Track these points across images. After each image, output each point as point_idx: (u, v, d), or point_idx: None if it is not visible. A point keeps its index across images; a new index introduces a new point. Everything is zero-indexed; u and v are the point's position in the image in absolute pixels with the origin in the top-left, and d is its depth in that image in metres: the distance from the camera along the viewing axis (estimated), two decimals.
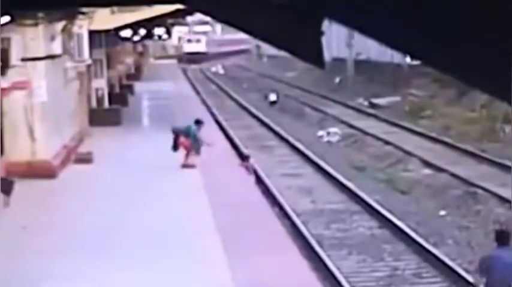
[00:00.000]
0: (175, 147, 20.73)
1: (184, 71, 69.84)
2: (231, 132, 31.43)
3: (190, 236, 14.22)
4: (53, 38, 20.43)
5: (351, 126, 32.92)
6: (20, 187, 17.10)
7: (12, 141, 18.78)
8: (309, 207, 19.77)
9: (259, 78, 62.68)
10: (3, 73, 18.22)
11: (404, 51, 2.03)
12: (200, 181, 19.10)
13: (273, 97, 44.16)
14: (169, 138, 20.81)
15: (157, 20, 34.31)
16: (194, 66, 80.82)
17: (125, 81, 43.76)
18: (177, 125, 21.86)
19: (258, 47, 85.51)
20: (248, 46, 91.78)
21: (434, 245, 15.95)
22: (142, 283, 11.66)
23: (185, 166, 20.53)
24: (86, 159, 21.81)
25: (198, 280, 11.72)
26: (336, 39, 48.30)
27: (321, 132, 31.90)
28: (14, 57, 18.95)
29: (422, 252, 15.43)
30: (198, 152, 20.55)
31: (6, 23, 16.83)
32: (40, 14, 18.69)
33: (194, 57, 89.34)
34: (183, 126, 21.10)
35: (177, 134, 20.76)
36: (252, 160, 22.70)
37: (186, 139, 20.57)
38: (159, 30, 47.78)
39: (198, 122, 21.03)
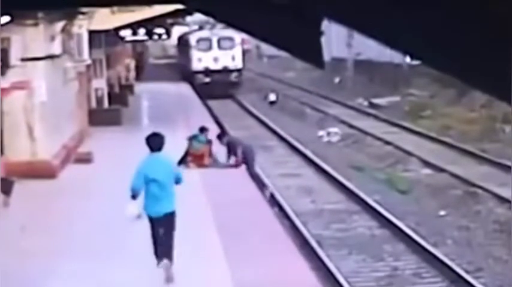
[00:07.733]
0: (181, 161, 20.75)
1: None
2: (231, 133, 31.39)
3: (191, 235, 14.20)
4: (53, 38, 20.43)
5: (351, 126, 32.91)
6: (20, 187, 17.10)
7: (12, 142, 18.77)
8: (309, 207, 19.77)
9: (259, 78, 62.60)
10: (3, 73, 18.21)
11: (405, 51, 2.03)
12: (200, 180, 19.09)
13: (272, 97, 44.11)
14: (169, 139, 20.74)
15: (157, 20, 34.29)
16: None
17: (124, 82, 43.72)
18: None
19: (258, 47, 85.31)
20: (248, 46, 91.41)
21: (434, 245, 15.95)
22: (142, 282, 11.65)
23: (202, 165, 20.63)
24: (85, 159, 21.80)
25: (198, 280, 11.72)
26: (336, 39, 48.24)
27: (320, 132, 31.87)
28: (14, 57, 18.93)
29: (422, 252, 15.42)
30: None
31: (6, 23, 16.83)
32: (40, 14, 18.69)
33: (217, 81, 45.63)
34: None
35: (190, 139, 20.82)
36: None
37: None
38: (159, 30, 47.71)
39: (203, 130, 21.13)
